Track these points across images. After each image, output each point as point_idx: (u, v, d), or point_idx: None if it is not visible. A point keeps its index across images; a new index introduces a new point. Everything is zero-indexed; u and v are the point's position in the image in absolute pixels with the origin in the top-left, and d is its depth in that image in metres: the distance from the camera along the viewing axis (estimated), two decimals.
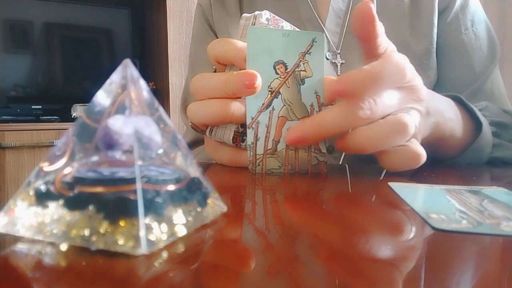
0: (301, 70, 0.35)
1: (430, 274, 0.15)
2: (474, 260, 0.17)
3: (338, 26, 0.58)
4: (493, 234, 0.19)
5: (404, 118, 0.32)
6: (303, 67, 0.35)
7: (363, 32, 0.33)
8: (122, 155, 0.19)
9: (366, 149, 0.33)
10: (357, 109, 0.31)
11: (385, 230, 0.21)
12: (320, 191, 0.32)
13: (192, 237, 0.19)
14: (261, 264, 0.16)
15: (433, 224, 0.20)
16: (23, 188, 0.19)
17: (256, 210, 0.25)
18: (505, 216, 0.21)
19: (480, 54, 0.58)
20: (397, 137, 0.32)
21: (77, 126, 0.20)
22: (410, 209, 0.23)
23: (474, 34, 0.58)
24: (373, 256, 0.17)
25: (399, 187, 0.29)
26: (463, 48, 0.58)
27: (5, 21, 1.75)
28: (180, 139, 0.21)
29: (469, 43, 0.58)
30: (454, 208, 0.23)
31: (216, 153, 0.41)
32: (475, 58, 0.57)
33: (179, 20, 1.78)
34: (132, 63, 0.20)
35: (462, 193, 0.27)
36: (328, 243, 0.19)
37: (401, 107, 0.34)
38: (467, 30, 0.58)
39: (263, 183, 0.33)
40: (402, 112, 0.33)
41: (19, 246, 0.18)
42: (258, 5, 0.62)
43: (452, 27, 0.58)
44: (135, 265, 0.15)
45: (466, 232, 0.19)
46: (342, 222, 0.23)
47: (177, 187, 0.19)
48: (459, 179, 0.38)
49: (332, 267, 0.16)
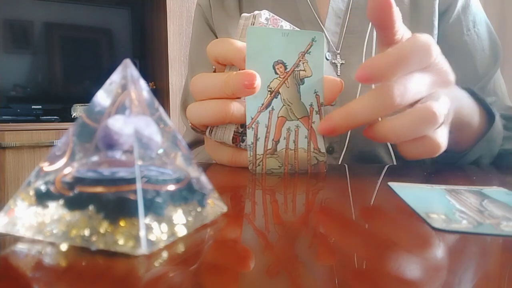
0: (301, 69, 0.35)
1: (430, 273, 0.15)
2: (474, 260, 0.17)
3: (338, 26, 0.58)
4: (493, 234, 0.19)
5: (433, 107, 0.31)
6: (303, 67, 0.35)
7: (380, 19, 0.32)
8: (122, 155, 0.19)
9: (394, 139, 0.33)
10: (386, 98, 0.31)
11: (383, 229, 0.21)
12: (320, 191, 0.32)
13: (192, 237, 0.19)
14: (261, 264, 0.16)
15: (433, 224, 0.20)
16: (23, 188, 0.19)
17: (256, 210, 0.25)
18: (505, 216, 0.21)
19: (482, 55, 0.58)
20: (426, 127, 0.32)
21: (77, 126, 0.20)
22: (409, 209, 0.23)
23: (476, 35, 0.58)
24: (371, 256, 0.17)
25: (399, 187, 0.29)
26: (466, 50, 0.57)
27: (5, 21, 1.75)
28: (180, 139, 0.21)
29: (472, 44, 0.57)
30: (454, 208, 0.23)
31: (216, 153, 0.41)
32: (478, 59, 0.57)
33: (179, 20, 1.78)
34: (132, 63, 0.20)
35: (462, 193, 0.27)
36: (328, 243, 0.19)
37: (430, 92, 0.33)
38: (469, 31, 0.58)
39: (263, 183, 0.33)
40: (431, 100, 0.32)
41: (19, 246, 0.18)
42: (258, 4, 0.62)
43: (454, 28, 0.58)
44: (135, 265, 0.15)
45: (466, 232, 0.19)
46: (341, 223, 0.23)
47: (177, 187, 0.19)
48: (459, 179, 0.38)
49: (331, 266, 0.16)
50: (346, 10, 0.58)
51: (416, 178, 0.34)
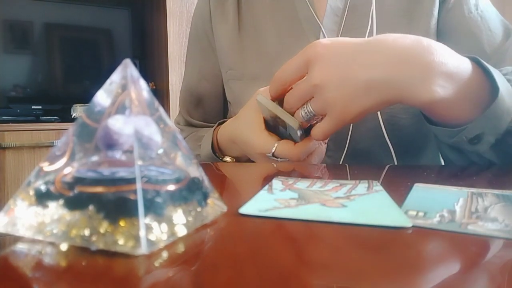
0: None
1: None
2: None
3: (336, 24, 0.58)
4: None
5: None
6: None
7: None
8: (122, 155, 0.19)
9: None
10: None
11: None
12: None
13: (192, 237, 0.19)
14: (261, 264, 0.16)
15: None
16: (23, 188, 0.19)
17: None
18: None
19: (489, 35, 0.56)
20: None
21: (77, 126, 0.20)
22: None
23: (480, 17, 0.56)
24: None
25: (418, 187, 0.29)
26: (468, 30, 0.56)
27: (5, 21, 1.75)
28: (180, 139, 0.21)
29: (475, 25, 0.56)
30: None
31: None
32: (484, 39, 0.56)
33: (179, 20, 1.78)
34: (132, 63, 0.20)
35: (484, 196, 0.26)
36: (321, 240, 0.19)
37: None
38: (471, 13, 0.56)
39: (263, 182, 0.33)
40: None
41: (19, 246, 0.18)
42: (256, 5, 0.62)
43: (455, 12, 0.57)
44: (135, 265, 0.15)
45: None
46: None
47: (177, 187, 0.19)
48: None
49: (328, 265, 0.16)
50: (344, 8, 0.58)
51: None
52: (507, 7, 1.93)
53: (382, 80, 0.37)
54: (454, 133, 0.42)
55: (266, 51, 0.60)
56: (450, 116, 0.42)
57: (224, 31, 0.64)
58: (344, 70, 0.38)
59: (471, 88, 0.40)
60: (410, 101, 0.39)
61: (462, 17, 0.56)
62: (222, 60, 0.65)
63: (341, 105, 0.38)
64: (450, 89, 0.39)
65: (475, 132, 0.40)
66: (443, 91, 0.38)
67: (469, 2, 0.57)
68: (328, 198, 0.26)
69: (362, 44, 0.39)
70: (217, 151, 0.56)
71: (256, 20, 0.62)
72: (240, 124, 0.49)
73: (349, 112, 0.38)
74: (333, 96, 0.37)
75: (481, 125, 0.40)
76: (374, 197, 0.26)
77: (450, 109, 0.40)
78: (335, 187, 0.29)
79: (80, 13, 1.91)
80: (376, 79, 0.37)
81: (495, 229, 0.20)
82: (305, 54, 0.40)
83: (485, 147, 0.41)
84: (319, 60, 0.38)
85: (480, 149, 0.41)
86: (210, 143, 0.55)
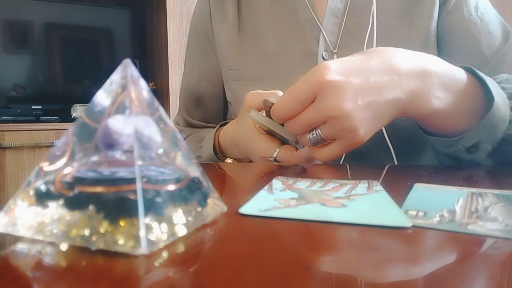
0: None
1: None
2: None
3: (336, 26, 0.58)
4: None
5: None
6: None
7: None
8: (122, 155, 0.19)
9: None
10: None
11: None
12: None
13: (192, 237, 0.19)
14: (261, 264, 0.16)
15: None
16: (23, 188, 0.19)
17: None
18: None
19: (489, 37, 0.56)
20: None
21: (77, 126, 0.20)
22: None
23: (480, 19, 0.56)
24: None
25: (418, 187, 0.29)
26: (468, 32, 0.56)
27: (5, 21, 1.75)
28: (180, 139, 0.21)
29: (475, 27, 0.56)
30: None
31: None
32: (483, 41, 0.56)
33: (179, 20, 1.78)
34: (132, 63, 0.20)
35: (484, 196, 0.26)
36: (321, 240, 0.19)
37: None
38: (471, 16, 0.56)
39: (263, 182, 0.33)
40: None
41: (19, 246, 0.18)
42: (256, 5, 0.62)
43: (455, 14, 0.57)
44: (135, 265, 0.15)
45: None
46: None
47: (177, 187, 0.19)
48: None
49: (327, 262, 0.16)
50: (344, 9, 0.58)
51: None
52: (507, 8, 1.93)
53: (393, 102, 0.38)
54: (451, 143, 0.43)
55: (266, 51, 0.60)
56: (446, 126, 0.42)
57: (224, 31, 0.64)
58: (359, 98, 0.36)
59: (466, 98, 0.41)
60: (410, 115, 0.40)
61: (462, 19, 0.56)
62: (222, 60, 0.65)
63: (358, 133, 0.37)
64: (446, 100, 0.40)
65: (472, 141, 0.41)
66: (440, 102, 0.39)
67: (469, 5, 0.57)
68: (328, 198, 0.26)
69: (368, 66, 0.38)
70: (219, 153, 0.56)
71: (256, 20, 0.62)
72: (242, 127, 0.49)
73: (364, 136, 0.38)
74: (351, 125, 0.36)
75: (478, 134, 0.41)
76: (374, 197, 0.26)
77: (446, 119, 0.41)
78: (335, 187, 0.29)
79: (80, 13, 1.91)
80: (390, 101, 0.38)
81: (495, 229, 0.20)
82: (312, 82, 0.37)
83: (482, 155, 0.42)
84: (331, 90, 0.36)
85: (478, 157, 0.42)
86: (212, 145, 0.55)
